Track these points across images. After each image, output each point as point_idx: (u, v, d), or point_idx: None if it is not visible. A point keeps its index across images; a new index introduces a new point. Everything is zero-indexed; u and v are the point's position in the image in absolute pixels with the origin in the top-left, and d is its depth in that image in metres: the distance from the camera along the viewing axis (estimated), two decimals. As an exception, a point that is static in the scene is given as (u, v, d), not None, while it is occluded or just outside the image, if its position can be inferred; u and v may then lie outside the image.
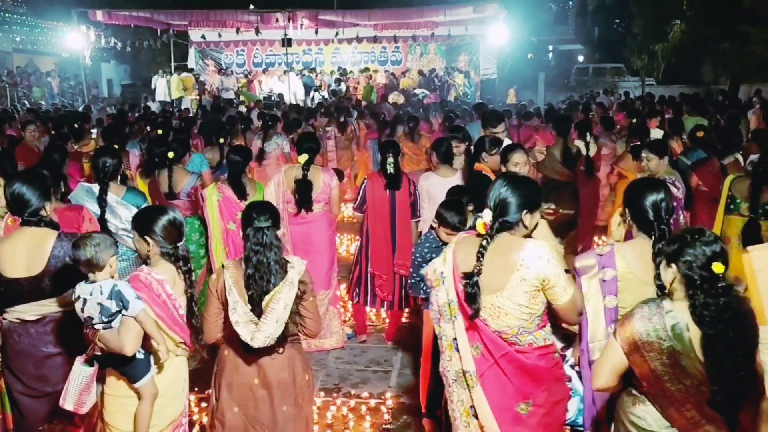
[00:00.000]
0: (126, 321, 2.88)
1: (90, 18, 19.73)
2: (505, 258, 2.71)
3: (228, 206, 5.32)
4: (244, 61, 23.19)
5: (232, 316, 2.94)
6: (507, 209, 2.76)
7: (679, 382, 2.37)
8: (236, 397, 3.13)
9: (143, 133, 9.48)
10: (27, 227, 3.25)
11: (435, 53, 22.53)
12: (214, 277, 3.06)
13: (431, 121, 11.35)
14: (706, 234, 2.39)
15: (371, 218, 5.50)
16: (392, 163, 5.42)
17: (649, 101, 14.90)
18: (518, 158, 4.66)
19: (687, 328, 2.34)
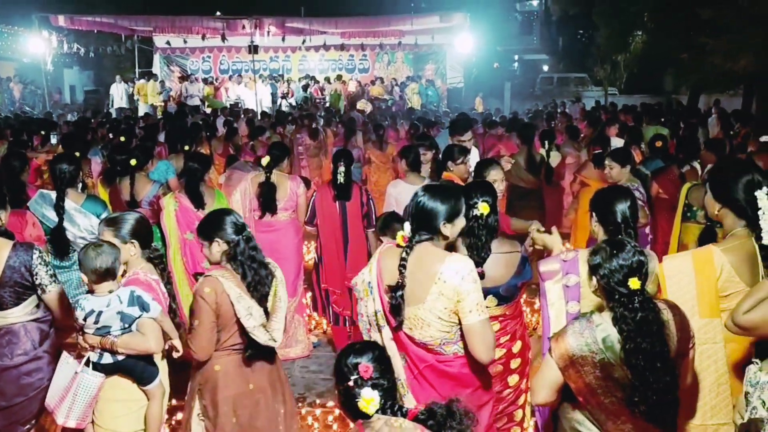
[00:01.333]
0: (144, 322, 2.92)
1: (52, 23, 19.39)
2: (426, 270, 2.68)
3: (185, 216, 5.23)
4: (210, 68, 22.99)
5: (248, 322, 2.97)
6: (425, 220, 2.74)
7: (611, 394, 2.39)
8: (235, 408, 3.13)
9: (105, 140, 9.33)
10: None
11: (402, 62, 22.66)
12: (209, 290, 2.98)
13: (398, 129, 11.39)
14: (626, 248, 2.40)
15: (322, 231, 5.43)
16: (342, 172, 5.32)
17: (612, 111, 15.18)
18: (495, 174, 4.65)
19: (618, 340, 2.36)
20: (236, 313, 2.99)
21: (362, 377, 2.11)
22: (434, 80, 21.73)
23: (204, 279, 3.06)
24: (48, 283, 3.17)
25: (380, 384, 2.13)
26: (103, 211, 4.66)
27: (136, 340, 2.92)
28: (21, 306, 3.18)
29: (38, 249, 3.22)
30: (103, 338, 2.89)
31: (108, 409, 3.06)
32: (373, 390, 2.08)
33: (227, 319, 3.01)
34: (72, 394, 2.89)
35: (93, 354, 2.95)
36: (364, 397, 2.07)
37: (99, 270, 2.87)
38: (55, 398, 2.95)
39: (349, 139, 9.42)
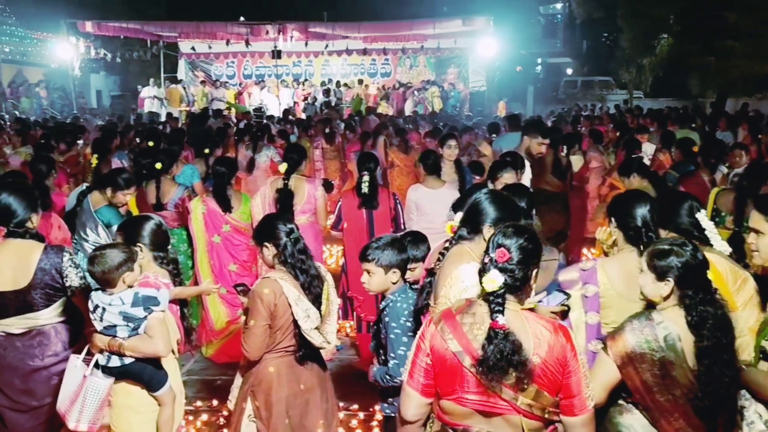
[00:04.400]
0: (152, 324, 2.94)
1: (79, 29, 19.69)
2: (445, 271, 2.76)
3: (212, 219, 5.29)
4: (234, 73, 23.23)
5: (306, 324, 3.02)
6: (472, 216, 2.84)
7: (668, 392, 2.39)
8: (287, 409, 3.17)
9: (132, 144, 9.44)
10: (12, 239, 3.21)
11: (424, 66, 22.67)
12: (268, 291, 3.03)
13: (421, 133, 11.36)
14: (689, 245, 2.45)
15: (347, 237, 5.41)
16: (367, 181, 5.28)
17: (638, 114, 15.03)
18: (509, 177, 4.64)
19: (679, 338, 2.38)
20: (294, 314, 3.03)
21: (496, 260, 2.16)
22: (456, 84, 21.69)
23: (263, 280, 3.11)
24: (78, 285, 3.21)
25: (510, 270, 2.16)
26: (116, 222, 4.64)
27: (143, 342, 2.93)
28: (51, 308, 3.22)
29: (68, 251, 3.26)
30: (112, 340, 2.91)
31: (123, 416, 3.08)
32: (501, 274, 2.14)
33: (283, 320, 3.06)
34: (81, 397, 2.91)
35: (101, 357, 2.97)
36: (489, 275, 2.13)
37: (93, 275, 2.89)
38: (65, 402, 2.97)
39: (365, 142, 9.42)
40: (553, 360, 2.12)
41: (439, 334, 2.20)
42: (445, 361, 2.19)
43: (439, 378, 2.22)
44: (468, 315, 2.20)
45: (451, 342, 2.18)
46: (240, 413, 3.25)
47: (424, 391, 2.26)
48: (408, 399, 2.29)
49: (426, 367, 2.23)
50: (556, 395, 2.15)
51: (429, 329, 2.25)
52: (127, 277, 2.93)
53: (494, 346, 2.08)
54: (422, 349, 2.25)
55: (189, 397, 4.20)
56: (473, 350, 2.14)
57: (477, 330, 2.15)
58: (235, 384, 3.39)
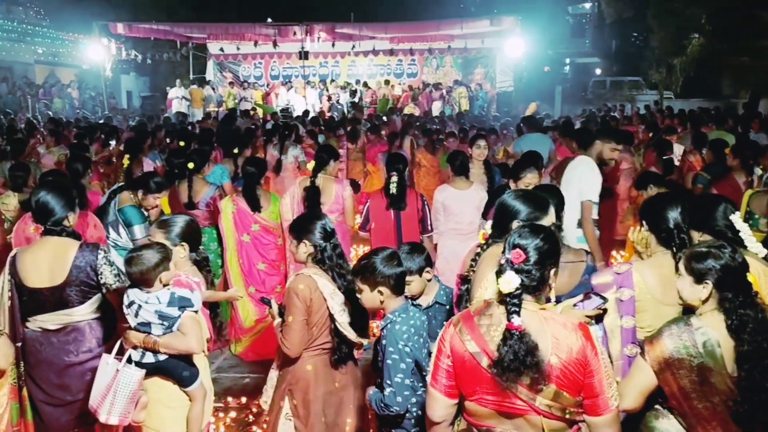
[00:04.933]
0: (186, 322, 2.99)
1: (111, 30, 20.02)
2: (480, 272, 2.78)
3: (242, 218, 5.35)
4: (261, 74, 23.43)
5: (342, 317, 3.08)
6: (501, 218, 2.86)
7: (706, 399, 2.36)
8: (324, 407, 3.21)
9: (162, 145, 9.57)
10: (49, 237, 3.29)
11: (451, 66, 22.59)
12: (303, 287, 3.07)
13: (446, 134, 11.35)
14: (728, 247, 2.41)
15: (374, 238, 5.41)
16: (395, 182, 5.27)
17: (668, 115, 14.83)
18: (531, 178, 4.61)
19: (718, 344, 2.34)
20: (329, 309, 3.07)
21: (512, 261, 2.15)
22: (483, 84, 21.60)
23: (297, 276, 3.14)
24: (112, 282, 3.26)
25: (526, 270, 2.14)
26: (138, 223, 4.71)
27: (177, 339, 2.98)
28: (86, 304, 3.28)
29: (103, 249, 3.33)
30: (147, 337, 2.96)
31: (155, 411, 3.13)
32: (516, 275, 2.12)
33: (319, 316, 3.09)
34: (113, 390, 2.96)
35: (135, 353, 3.02)
36: (505, 277, 2.12)
37: (136, 275, 2.95)
38: (97, 398, 3.02)
39: (393, 143, 9.43)
40: (573, 360, 2.10)
41: (458, 336, 2.20)
42: (464, 362, 2.18)
43: (460, 379, 2.21)
44: (485, 316, 2.19)
45: (469, 343, 2.17)
46: (277, 412, 3.27)
47: (448, 393, 2.25)
48: (434, 401, 2.28)
49: (447, 368, 2.23)
50: (578, 395, 2.13)
51: (448, 331, 2.25)
52: (164, 276, 2.98)
53: (509, 347, 2.07)
54: (443, 351, 2.24)
55: (218, 394, 4.24)
56: (490, 351, 2.13)
57: (494, 331, 2.14)
58: (269, 383, 3.41)
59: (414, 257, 3.15)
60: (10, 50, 24.00)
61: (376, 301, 2.85)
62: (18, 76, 23.67)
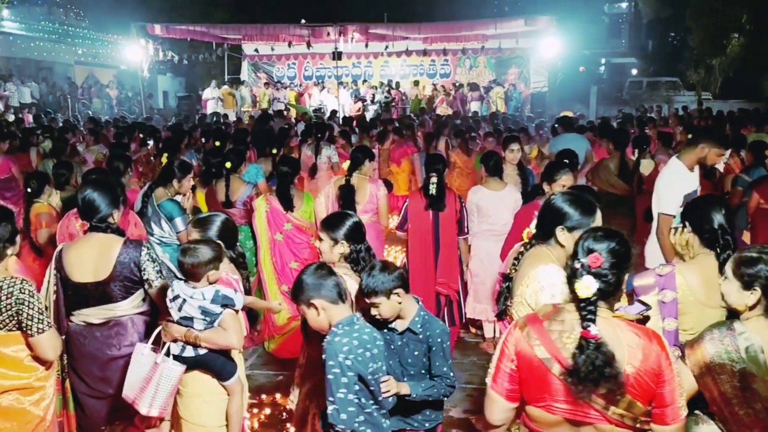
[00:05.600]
0: (227, 318, 3.04)
1: (149, 32, 20.37)
2: (523, 271, 2.78)
3: (275, 217, 5.39)
4: (295, 74, 23.63)
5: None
6: (546, 219, 2.83)
7: (748, 405, 2.32)
8: None
9: (198, 144, 9.71)
10: (94, 233, 3.36)
11: (484, 66, 22.47)
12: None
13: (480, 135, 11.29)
14: None
15: (411, 238, 5.39)
16: (435, 183, 5.23)
17: (706, 116, 14.54)
18: (566, 180, 4.55)
19: (762, 350, 2.30)
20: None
21: (589, 265, 2.11)
22: (517, 84, 21.45)
23: None
24: (155, 278, 3.33)
25: (603, 275, 2.11)
26: (179, 215, 4.85)
27: (218, 334, 3.03)
28: (129, 299, 3.35)
29: (147, 246, 3.39)
30: (188, 331, 3.01)
31: (193, 404, 3.19)
32: (594, 280, 2.08)
33: None
34: (154, 384, 3.00)
35: (174, 346, 3.07)
36: (583, 282, 2.08)
37: (187, 266, 3.00)
38: (134, 389, 3.06)
39: (430, 143, 9.42)
40: (647, 369, 2.06)
41: (525, 340, 2.15)
42: (531, 367, 2.14)
43: (526, 384, 2.17)
44: (556, 322, 2.14)
45: (538, 348, 2.12)
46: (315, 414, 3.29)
47: (509, 396, 2.22)
48: (493, 403, 2.25)
49: (510, 372, 2.19)
50: (649, 404, 2.09)
51: (514, 334, 2.21)
52: (212, 275, 3.03)
53: (586, 357, 2.02)
54: (506, 354, 2.20)
55: (251, 391, 4.29)
56: (562, 359, 2.08)
57: (566, 338, 2.10)
58: (296, 383, 3.43)
59: (378, 277, 2.80)
60: (51, 51, 24.62)
61: (319, 318, 2.66)
62: (58, 77, 24.27)
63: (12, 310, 2.83)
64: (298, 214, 5.45)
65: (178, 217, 4.83)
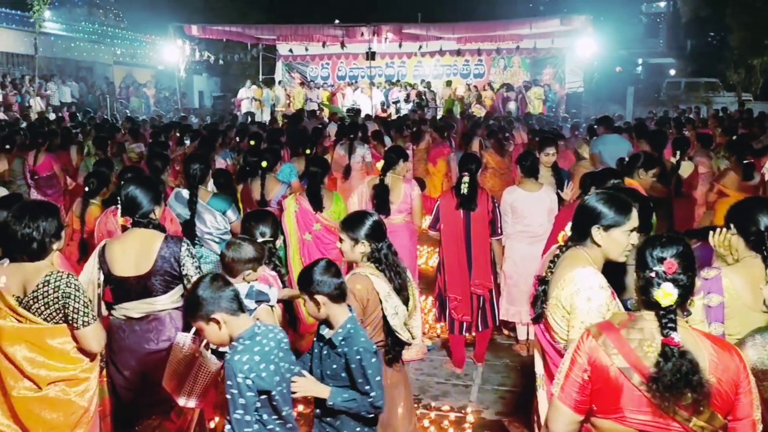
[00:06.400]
0: (260, 315, 3.08)
1: (185, 32, 20.68)
2: (559, 274, 2.75)
3: (304, 217, 5.41)
4: (328, 74, 23.75)
5: (394, 320, 3.08)
6: (580, 219, 2.80)
7: None
8: None
9: (233, 144, 9.83)
10: (136, 228, 3.44)
11: (519, 66, 22.27)
12: (360, 287, 3.09)
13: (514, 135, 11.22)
14: None
15: (444, 238, 5.33)
16: (466, 183, 5.14)
17: (747, 118, 14.20)
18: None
19: None
20: (383, 310, 3.08)
21: (665, 272, 2.07)
22: (552, 85, 21.23)
23: (354, 276, 3.15)
24: (193, 274, 3.37)
25: (680, 280, 2.08)
26: (228, 207, 4.97)
27: None
28: (168, 294, 3.41)
29: (186, 242, 3.46)
30: None
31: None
32: (674, 286, 2.05)
33: (374, 316, 3.10)
34: (193, 376, 3.04)
35: None
36: (664, 289, 2.04)
37: (227, 259, 3.07)
38: (173, 381, 3.11)
39: (466, 144, 9.38)
40: (728, 380, 2.01)
41: (602, 349, 2.10)
42: (608, 377, 2.09)
43: (599, 395, 2.12)
44: (635, 330, 2.10)
45: (616, 357, 2.08)
46: None
47: (578, 408, 2.16)
48: (558, 414, 2.20)
49: (582, 382, 2.14)
50: (726, 417, 2.04)
51: (587, 342, 2.15)
52: (248, 276, 3.08)
53: (672, 365, 1.98)
54: (578, 363, 2.15)
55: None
56: (643, 367, 2.04)
57: (647, 347, 2.05)
58: None
59: (313, 273, 2.77)
60: (90, 51, 25.18)
61: (220, 334, 2.58)
62: (98, 76, 24.81)
63: (59, 303, 2.90)
64: (327, 214, 5.46)
65: (228, 210, 4.96)
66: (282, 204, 5.66)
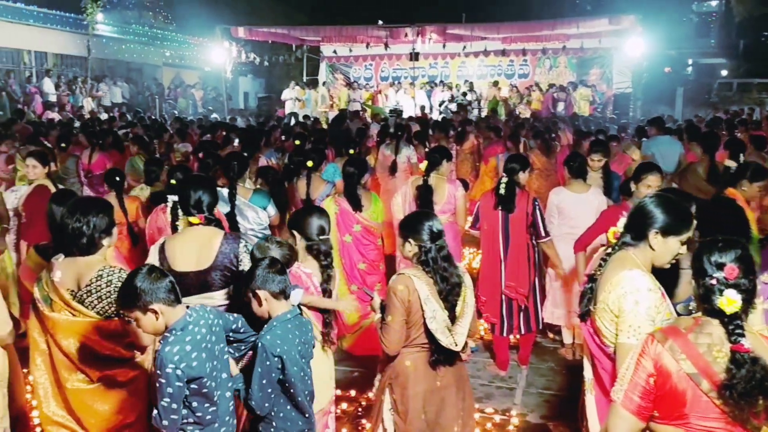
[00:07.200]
0: None
1: (232, 34, 21.01)
2: (607, 276, 2.70)
3: (345, 218, 5.43)
4: (371, 75, 23.83)
5: (431, 324, 3.05)
6: (636, 221, 2.74)
7: None
8: (424, 404, 3.21)
9: (278, 143, 9.94)
10: (197, 226, 3.53)
11: (565, 66, 21.93)
12: (402, 288, 3.09)
13: (560, 136, 11.07)
14: None
15: (482, 238, 5.28)
16: (504, 183, 5.06)
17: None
18: (653, 180, 4.40)
19: None
20: (423, 312, 3.07)
21: (726, 278, 2.04)
22: (598, 85, 20.86)
23: (398, 276, 3.16)
24: None
25: (742, 285, 2.04)
26: (268, 203, 5.07)
27: None
28: (225, 290, 3.46)
29: (244, 239, 3.53)
30: None
31: None
32: (737, 292, 2.02)
33: (417, 317, 3.09)
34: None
35: None
36: (728, 296, 2.01)
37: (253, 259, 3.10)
38: None
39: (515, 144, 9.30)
40: None
41: (669, 353, 2.08)
42: (673, 383, 2.06)
43: (663, 400, 2.09)
44: (703, 335, 2.06)
45: (684, 362, 2.05)
46: (380, 405, 3.33)
47: (640, 413, 2.14)
48: (621, 420, 2.17)
49: (647, 387, 2.11)
50: None
51: (652, 347, 2.12)
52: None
53: (745, 372, 1.94)
54: (643, 367, 2.12)
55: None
56: (713, 374, 2.01)
57: (717, 352, 2.02)
58: (378, 377, 3.47)
59: (257, 269, 2.86)
60: (140, 53, 25.81)
61: (157, 323, 2.59)
62: (147, 78, 25.42)
63: (111, 297, 2.98)
64: (366, 214, 5.48)
65: (268, 205, 5.07)
66: (321, 206, 5.71)
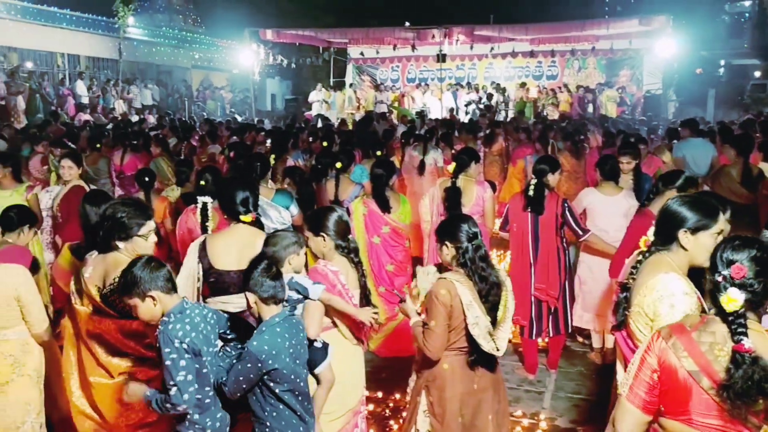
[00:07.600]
0: (308, 307, 3.13)
1: (260, 36, 21.19)
2: (641, 280, 2.68)
3: (373, 220, 5.43)
4: (398, 77, 23.84)
5: (474, 330, 3.04)
6: (665, 223, 2.71)
7: None
8: (461, 407, 3.21)
9: (305, 145, 10.00)
10: (238, 225, 3.58)
11: (594, 67, 21.71)
12: (444, 292, 3.07)
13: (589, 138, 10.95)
14: None
15: (512, 240, 5.24)
16: (534, 185, 5.01)
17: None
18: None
19: None
20: (465, 318, 3.06)
21: (732, 276, 2.03)
22: (628, 86, 20.60)
23: (440, 281, 3.14)
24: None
25: (749, 285, 2.02)
26: (290, 203, 5.10)
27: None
28: None
29: None
30: None
31: None
32: (740, 291, 2.00)
33: (458, 321, 3.08)
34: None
35: None
36: (729, 295, 2.00)
37: (269, 252, 3.11)
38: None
39: (545, 146, 9.23)
40: None
41: (671, 350, 2.08)
42: (677, 379, 2.07)
43: (667, 396, 2.10)
44: (706, 333, 2.05)
45: (685, 360, 2.05)
46: (414, 407, 3.31)
47: (646, 408, 2.15)
48: (627, 414, 2.18)
49: (651, 382, 2.12)
50: None
51: (657, 344, 2.13)
52: (293, 260, 3.12)
53: (743, 372, 1.93)
54: (647, 363, 2.13)
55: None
56: (713, 372, 2.00)
57: (718, 351, 2.01)
58: (412, 377, 3.45)
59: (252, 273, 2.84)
60: (170, 56, 26.14)
61: (154, 310, 2.70)
62: (176, 80, 25.75)
63: None
64: (395, 216, 5.48)
65: (291, 205, 5.10)
66: (349, 208, 5.72)
